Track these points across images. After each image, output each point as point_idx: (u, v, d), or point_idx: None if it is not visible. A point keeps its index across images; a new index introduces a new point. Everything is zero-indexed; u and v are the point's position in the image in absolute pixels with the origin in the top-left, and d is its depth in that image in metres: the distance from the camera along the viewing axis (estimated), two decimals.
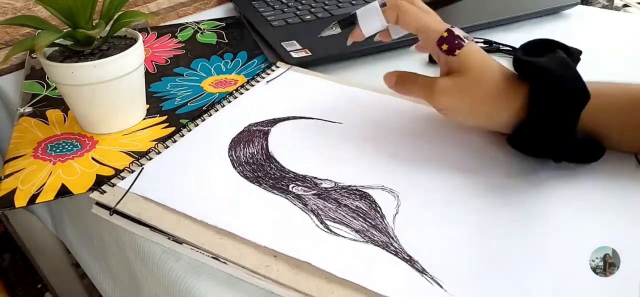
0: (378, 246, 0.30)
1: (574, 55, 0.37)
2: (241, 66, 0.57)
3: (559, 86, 0.33)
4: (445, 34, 0.37)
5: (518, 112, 0.35)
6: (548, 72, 0.34)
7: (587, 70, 0.35)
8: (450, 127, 0.42)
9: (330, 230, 0.31)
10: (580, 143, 0.35)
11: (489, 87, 0.36)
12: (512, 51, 0.56)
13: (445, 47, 0.37)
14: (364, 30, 0.41)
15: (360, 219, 0.32)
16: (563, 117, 0.34)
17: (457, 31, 0.38)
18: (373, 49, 0.58)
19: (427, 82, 0.39)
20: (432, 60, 0.56)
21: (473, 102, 0.37)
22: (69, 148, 0.42)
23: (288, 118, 0.44)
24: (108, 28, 0.42)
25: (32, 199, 0.36)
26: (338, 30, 0.43)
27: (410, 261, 0.29)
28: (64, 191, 0.36)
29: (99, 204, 0.35)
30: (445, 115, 0.40)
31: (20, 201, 0.36)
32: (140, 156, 0.39)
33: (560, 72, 0.34)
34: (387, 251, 0.30)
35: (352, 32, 0.43)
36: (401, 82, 0.41)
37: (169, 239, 0.32)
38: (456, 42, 0.37)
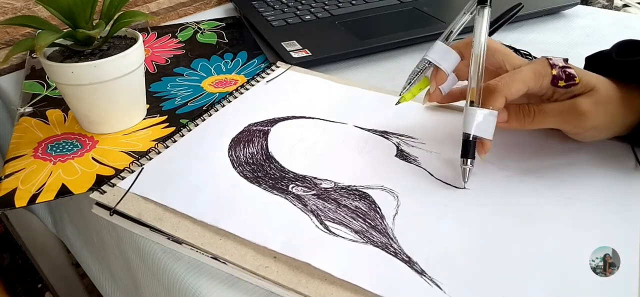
0: (377, 246, 0.30)
1: None
2: (241, 66, 0.57)
3: None
4: (554, 72, 0.35)
5: (638, 111, 0.36)
6: None
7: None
8: (450, 127, 0.42)
9: (330, 230, 0.31)
10: None
11: (616, 97, 0.36)
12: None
13: (561, 83, 0.35)
14: (446, 70, 0.39)
15: (359, 219, 0.32)
16: None
17: (555, 60, 0.36)
18: (372, 49, 0.58)
19: (564, 109, 0.36)
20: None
21: (613, 115, 0.36)
22: (69, 148, 0.42)
23: (288, 118, 0.44)
24: (108, 28, 0.42)
25: (33, 199, 0.36)
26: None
27: (409, 262, 0.29)
28: (64, 191, 0.36)
29: (99, 204, 0.35)
30: (584, 137, 0.37)
31: (20, 200, 0.36)
32: (140, 156, 0.39)
33: None
34: (387, 251, 0.30)
35: (437, 76, 0.40)
36: (519, 115, 0.37)
37: (169, 239, 0.32)
38: (566, 71, 0.35)
